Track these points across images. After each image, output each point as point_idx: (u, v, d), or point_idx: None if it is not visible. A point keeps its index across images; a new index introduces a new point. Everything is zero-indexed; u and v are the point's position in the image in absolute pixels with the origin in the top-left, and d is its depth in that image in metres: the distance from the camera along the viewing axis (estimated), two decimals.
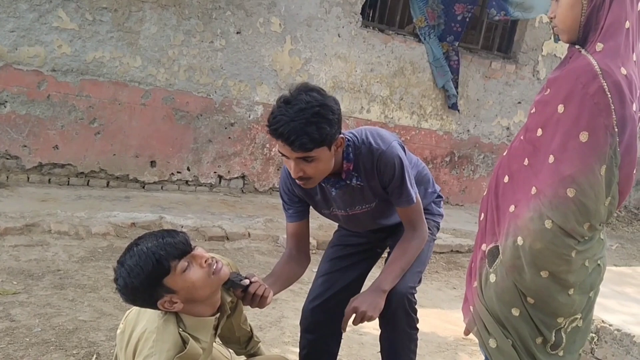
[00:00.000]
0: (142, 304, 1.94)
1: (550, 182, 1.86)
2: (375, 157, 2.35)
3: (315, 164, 2.17)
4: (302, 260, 2.63)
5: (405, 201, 2.44)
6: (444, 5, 7.82)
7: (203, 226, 5.43)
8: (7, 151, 5.73)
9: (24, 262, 4.14)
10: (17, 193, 5.51)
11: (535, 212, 1.89)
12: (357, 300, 2.38)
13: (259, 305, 2.17)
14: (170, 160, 6.54)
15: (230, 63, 6.60)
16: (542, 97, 1.96)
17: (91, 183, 6.23)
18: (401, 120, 7.94)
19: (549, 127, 1.90)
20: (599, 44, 1.86)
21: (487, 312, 2.05)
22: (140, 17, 6.07)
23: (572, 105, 1.83)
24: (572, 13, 1.92)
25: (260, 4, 6.62)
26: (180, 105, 6.44)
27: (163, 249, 1.84)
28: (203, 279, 1.90)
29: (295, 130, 2.07)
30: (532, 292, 1.95)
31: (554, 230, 1.86)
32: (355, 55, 7.36)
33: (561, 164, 1.84)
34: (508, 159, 2.07)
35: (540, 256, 1.89)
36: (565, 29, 1.96)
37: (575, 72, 1.86)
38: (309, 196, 2.54)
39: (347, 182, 2.40)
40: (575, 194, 1.82)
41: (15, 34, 5.53)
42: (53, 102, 5.85)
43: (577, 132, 1.82)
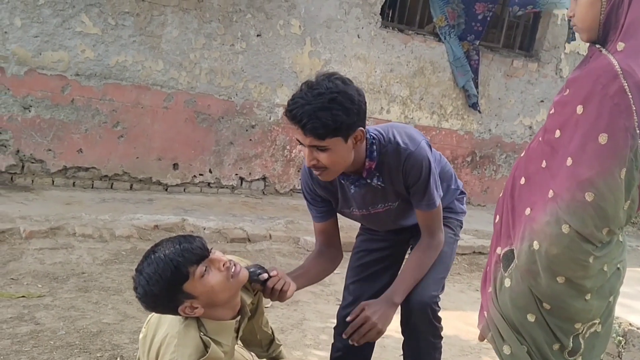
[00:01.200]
0: (163, 311, 1.95)
1: (567, 185, 1.82)
2: (402, 157, 2.28)
3: (329, 154, 2.11)
4: (334, 255, 2.59)
5: (426, 205, 2.38)
6: (464, 5, 7.79)
7: (225, 228, 5.47)
8: (32, 155, 5.82)
9: (49, 265, 4.21)
10: (42, 196, 5.59)
11: (552, 216, 1.84)
12: (369, 309, 2.33)
13: (279, 298, 2.16)
14: (193, 163, 6.59)
15: (251, 65, 6.64)
16: (561, 98, 1.92)
17: (115, 186, 6.31)
18: (421, 121, 7.92)
19: (567, 128, 1.85)
20: (620, 43, 1.82)
21: (501, 317, 2.01)
22: (162, 21, 6.12)
23: (592, 106, 1.79)
24: (592, 12, 1.88)
25: (280, 7, 6.65)
26: (201, 108, 6.49)
27: (181, 255, 1.85)
28: (222, 282, 1.91)
29: (308, 113, 2.02)
30: (547, 297, 1.91)
31: (571, 235, 1.81)
32: (375, 55, 7.36)
33: (579, 166, 1.80)
34: (525, 160, 2.03)
35: (557, 261, 1.85)
36: (585, 27, 1.93)
37: (595, 72, 1.81)
38: (330, 194, 2.48)
39: (367, 181, 2.34)
40: (594, 198, 1.77)
41: (39, 39, 5.62)
42: (77, 106, 5.92)
43: (597, 134, 1.77)
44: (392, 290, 2.40)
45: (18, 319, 3.30)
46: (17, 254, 4.30)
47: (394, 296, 2.38)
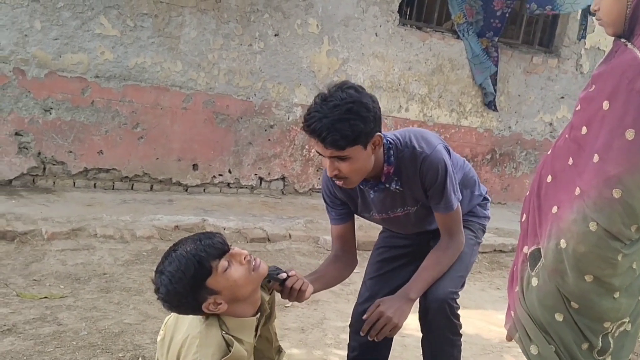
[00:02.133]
0: (186, 310, 1.95)
1: (594, 182, 1.79)
2: (419, 161, 2.30)
3: (350, 163, 2.13)
4: (349, 261, 2.60)
5: (444, 207, 2.39)
6: (482, 2, 7.73)
7: (245, 228, 5.48)
8: (53, 157, 5.87)
9: (71, 266, 4.24)
10: (64, 198, 5.63)
11: (579, 214, 1.82)
12: (384, 305, 2.33)
13: (297, 299, 2.16)
14: (212, 163, 6.61)
15: (269, 65, 6.64)
16: (587, 94, 1.89)
17: (135, 187, 6.35)
18: (440, 119, 7.88)
19: (593, 124, 1.82)
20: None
21: (528, 317, 1.99)
22: (180, 22, 6.15)
23: (618, 101, 1.76)
24: (618, 5, 1.84)
25: (298, 6, 6.65)
26: (220, 109, 6.50)
27: (203, 250, 1.85)
28: (245, 276, 1.91)
29: (327, 127, 2.04)
30: (575, 296, 1.89)
31: (598, 233, 1.78)
32: (393, 53, 7.34)
33: (606, 163, 1.77)
34: (552, 158, 2.00)
35: (584, 260, 1.83)
36: (610, 21, 1.89)
37: (621, 67, 1.78)
38: (350, 199, 2.51)
39: (386, 186, 2.36)
40: (622, 195, 1.74)
41: (59, 42, 5.66)
42: (97, 108, 5.96)
43: (623, 129, 1.74)
44: (408, 286, 2.41)
45: (41, 320, 3.33)
46: (40, 255, 4.34)
47: (409, 292, 2.38)
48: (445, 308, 2.40)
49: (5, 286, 3.72)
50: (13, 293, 3.64)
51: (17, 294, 3.63)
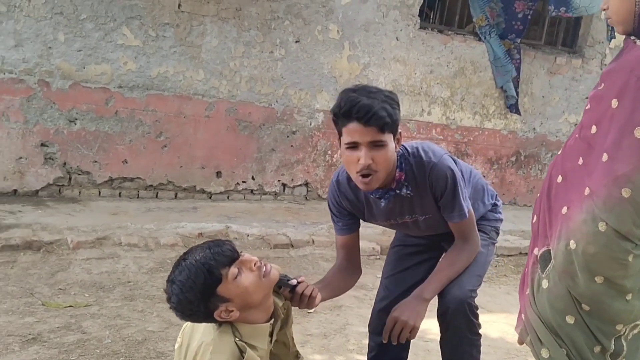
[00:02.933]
0: (198, 319, 1.96)
1: (604, 182, 1.75)
2: (427, 169, 2.33)
3: (384, 152, 2.15)
4: (353, 271, 2.61)
5: (457, 216, 2.41)
6: (503, 4, 7.68)
7: (268, 234, 5.50)
8: (78, 167, 5.94)
9: (96, 275, 4.28)
10: (89, 207, 5.70)
11: (589, 214, 1.78)
12: (398, 310, 2.35)
13: (308, 305, 2.17)
14: (235, 170, 6.65)
15: (290, 72, 6.67)
16: (596, 92, 1.85)
17: (160, 195, 6.40)
18: (463, 121, 7.84)
19: (603, 123, 1.78)
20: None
21: (539, 320, 1.95)
22: (201, 31, 6.20)
23: (626, 99, 1.71)
24: (626, 3, 1.81)
25: (318, 12, 6.67)
26: (243, 116, 6.54)
27: (212, 258, 1.86)
28: (255, 282, 1.92)
29: (373, 105, 2.09)
30: (586, 298, 1.84)
31: (608, 233, 1.74)
32: (414, 57, 7.32)
33: (615, 162, 1.72)
34: (562, 158, 1.96)
35: (594, 261, 1.78)
36: (620, 20, 1.85)
37: (629, 65, 1.74)
38: (356, 209, 2.52)
39: (397, 192, 2.37)
40: (631, 194, 1.69)
41: (82, 53, 5.74)
42: (121, 117, 6.03)
43: (632, 127, 1.69)
44: (423, 287, 2.42)
45: (65, 329, 3.37)
46: (65, 265, 4.40)
47: (424, 292, 2.40)
48: (464, 307, 2.40)
49: (31, 295, 3.78)
50: (38, 302, 3.70)
51: (42, 303, 3.68)
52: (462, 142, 7.92)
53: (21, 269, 4.23)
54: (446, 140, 7.77)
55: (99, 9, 5.71)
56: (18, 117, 5.61)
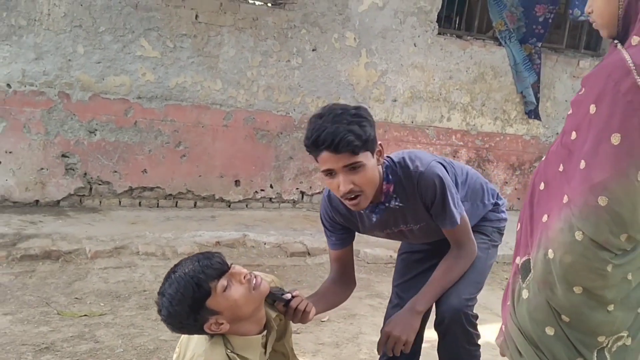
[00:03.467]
0: (189, 331, 1.97)
1: (580, 189, 1.69)
2: (415, 178, 2.30)
3: (364, 172, 2.11)
4: (347, 284, 2.60)
5: (449, 223, 2.37)
6: (523, 8, 7.64)
7: (285, 242, 5.52)
8: (98, 177, 6.02)
9: (112, 284, 4.33)
10: (109, 217, 5.77)
11: (566, 223, 1.72)
12: (390, 324, 2.34)
13: (302, 320, 2.16)
14: (254, 179, 6.68)
15: (307, 80, 6.69)
16: (577, 97, 1.80)
17: (179, 204, 6.45)
18: (484, 127, 7.79)
19: (582, 129, 1.73)
20: (635, 37, 1.68)
21: (518, 331, 1.90)
22: (218, 41, 6.25)
23: (604, 104, 1.66)
24: (609, 6, 1.76)
25: (335, 20, 6.68)
26: (260, 125, 6.57)
27: (201, 271, 1.86)
28: (245, 295, 1.92)
29: (339, 131, 2.02)
30: (565, 309, 1.78)
31: (584, 243, 1.68)
32: (433, 63, 7.29)
33: (592, 169, 1.67)
34: (545, 164, 1.91)
35: (572, 270, 1.72)
36: (604, 23, 1.81)
37: (607, 69, 1.69)
38: (350, 222, 2.49)
39: (387, 205, 2.34)
40: (608, 203, 1.64)
41: (101, 65, 5.83)
42: (140, 128, 6.10)
43: (609, 134, 1.64)
44: (416, 299, 2.40)
45: (79, 338, 3.41)
46: (83, 274, 4.45)
47: (416, 305, 2.37)
48: (460, 317, 2.37)
49: (47, 305, 3.83)
50: (54, 311, 3.75)
51: (57, 312, 3.73)
52: (483, 148, 7.87)
53: (39, 279, 4.29)
54: (466, 146, 7.73)
55: (117, 21, 5.80)
56: (39, 129, 5.70)
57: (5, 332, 3.40)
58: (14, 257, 4.51)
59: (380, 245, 5.48)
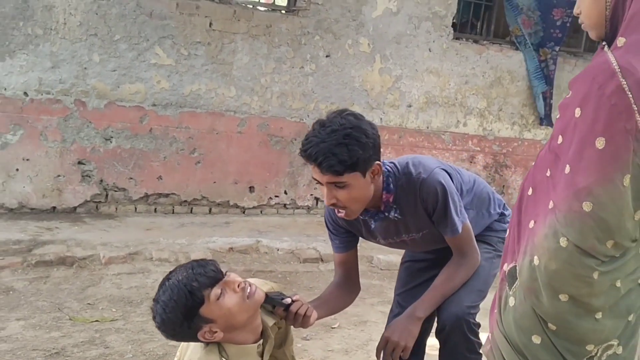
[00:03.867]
0: (183, 338, 1.97)
1: (564, 195, 1.64)
2: (417, 186, 2.29)
3: (348, 190, 2.12)
4: (352, 288, 2.59)
5: (450, 231, 2.35)
6: (540, 12, 7.58)
7: (298, 248, 5.53)
8: (114, 184, 6.08)
9: (125, 290, 4.37)
10: (125, 223, 5.82)
11: (550, 229, 1.66)
12: (389, 329, 2.33)
13: (302, 325, 2.15)
14: (268, 185, 6.70)
15: (321, 86, 6.70)
16: (564, 100, 1.74)
17: (194, 210, 6.49)
18: (501, 132, 7.74)
19: (567, 133, 1.67)
20: (621, 38, 1.63)
21: (504, 340, 1.84)
22: (232, 48, 6.29)
23: (588, 108, 1.61)
24: (597, 6, 1.70)
25: (348, 26, 6.70)
26: (274, 131, 6.60)
27: (194, 279, 1.86)
28: (239, 303, 1.90)
29: (324, 151, 2.03)
30: (551, 317, 1.73)
31: (569, 249, 1.63)
32: (448, 68, 7.27)
33: (576, 174, 1.62)
34: (534, 169, 1.85)
35: (557, 278, 1.67)
36: (592, 24, 1.75)
37: (592, 72, 1.64)
38: (353, 227, 2.48)
39: (386, 215, 2.33)
40: (593, 208, 1.59)
41: (116, 73, 5.89)
42: (155, 135, 6.16)
43: (593, 138, 1.58)
44: (416, 305, 2.38)
45: (89, 343, 3.45)
46: (96, 280, 4.50)
47: (416, 311, 2.36)
48: (462, 325, 2.35)
49: (59, 310, 3.88)
50: (66, 317, 3.79)
51: (69, 318, 3.77)
52: (500, 153, 7.82)
53: (53, 284, 4.34)
54: (483, 151, 7.69)
55: (132, 29, 5.86)
56: (56, 137, 5.78)
57: (17, 338, 3.44)
58: (29, 263, 4.57)
59: (394, 252, 5.43)
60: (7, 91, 5.55)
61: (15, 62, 5.54)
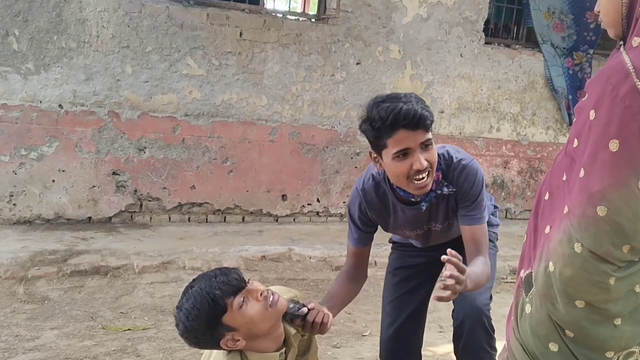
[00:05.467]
0: (205, 346, 1.97)
1: (579, 199, 1.60)
2: (457, 169, 2.28)
3: (434, 150, 2.17)
4: (360, 277, 2.57)
5: (477, 219, 2.32)
6: (573, 15, 7.47)
7: (330, 256, 5.51)
8: (148, 194, 6.15)
9: (158, 299, 4.40)
10: (159, 232, 5.88)
11: (565, 234, 1.63)
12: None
13: (320, 331, 2.12)
14: (300, 193, 6.70)
15: (352, 94, 6.69)
16: (580, 103, 1.71)
17: (228, 219, 6.53)
18: (535, 137, 7.64)
19: (582, 136, 1.64)
20: (636, 38, 1.58)
21: (521, 348, 1.80)
22: (263, 57, 6.32)
23: (602, 110, 1.57)
24: (613, 4, 1.66)
25: (378, 33, 6.68)
26: (306, 139, 6.61)
27: (217, 288, 1.85)
28: (261, 312, 1.90)
29: (416, 109, 2.05)
30: (568, 324, 1.69)
31: (584, 255, 1.59)
32: (480, 73, 7.21)
33: (590, 178, 1.58)
34: (550, 174, 1.82)
35: (572, 284, 1.63)
36: (609, 22, 1.71)
37: (606, 73, 1.60)
38: (381, 217, 2.46)
39: (438, 192, 2.30)
40: (607, 213, 1.55)
41: (149, 84, 5.97)
42: (187, 145, 6.21)
43: (607, 140, 1.54)
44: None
45: (121, 352, 3.48)
46: (130, 289, 4.54)
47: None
48: (483, 319, 2.35)
49: (92, 319, 3.92)
50: (99, 326, 3.83)
51: (102, 327, 3.81)
52: (535, 158, 7.71)
53: (87, 294, 4.40)
54: (517, 156, 7.59)
55: (163, 41, 5.93)
56: (90, 148, 5.87)
57: (50, 347, 3.49)
58: (64, 273, 4.64)
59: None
60: (42, 104, 5.66)
61: (50, 75, 5.65)
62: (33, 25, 5.54)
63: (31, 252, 4.93)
